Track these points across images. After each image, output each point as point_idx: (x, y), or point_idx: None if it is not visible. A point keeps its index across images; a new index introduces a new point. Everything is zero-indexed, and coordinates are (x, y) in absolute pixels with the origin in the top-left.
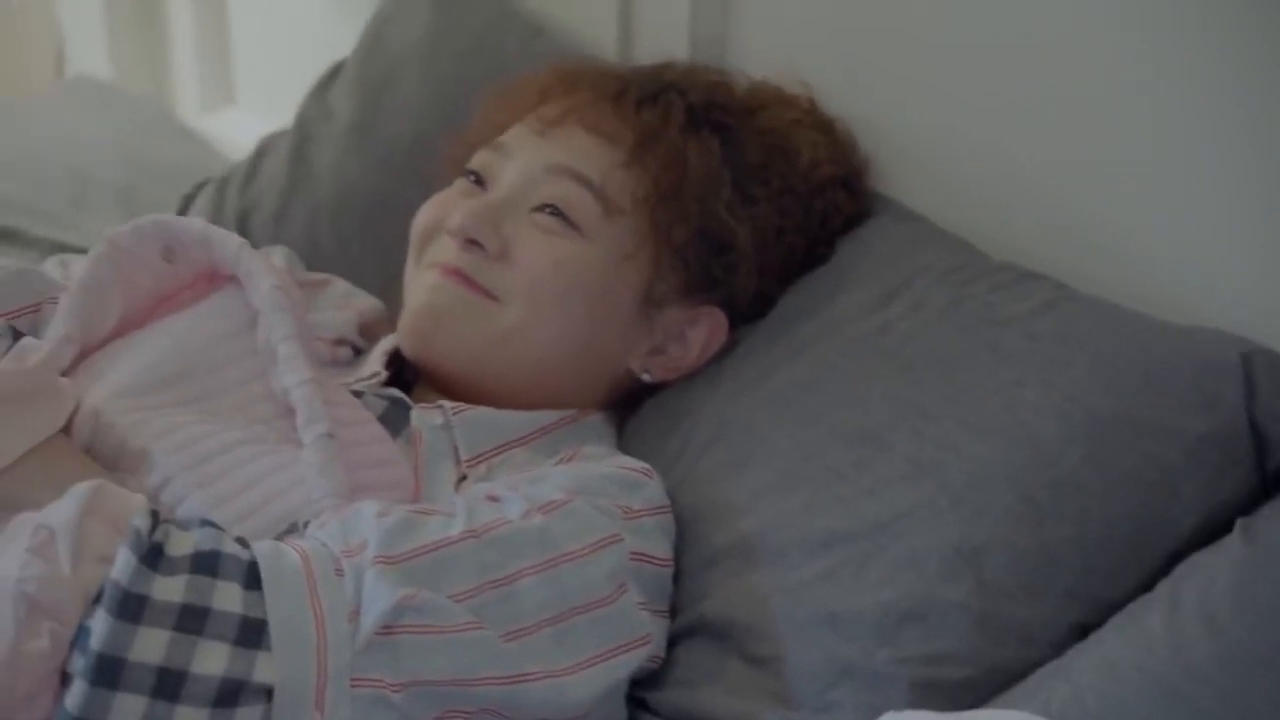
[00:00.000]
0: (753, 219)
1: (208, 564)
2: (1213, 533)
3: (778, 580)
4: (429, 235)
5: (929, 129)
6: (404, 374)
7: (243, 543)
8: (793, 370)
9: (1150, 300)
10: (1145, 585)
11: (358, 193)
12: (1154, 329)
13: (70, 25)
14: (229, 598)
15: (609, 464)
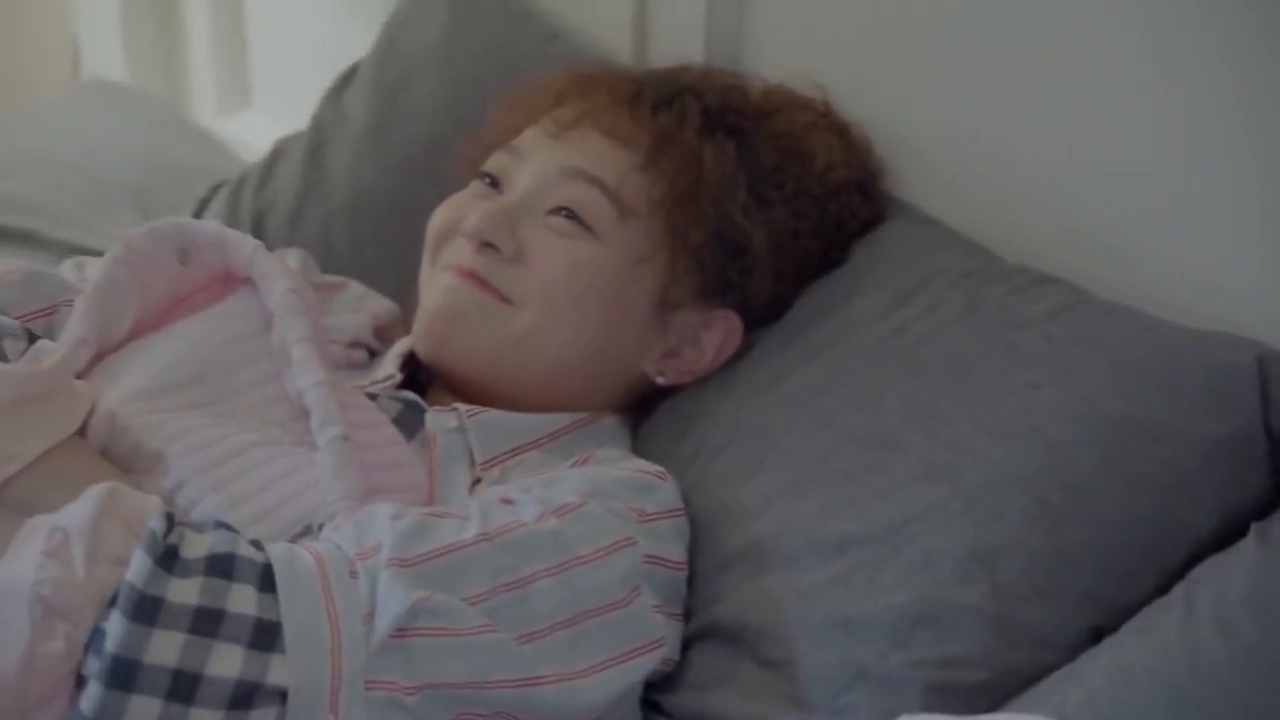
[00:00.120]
0: (768, 222)
1: (222, 566)
2: (1228, 536)
3: (791, 583)
4: (444, 237)
5: (944, 132)
6: (418, 376)
7: (257, 545)
8: (807, 373)
9: (1165, 303)
10: (1160, 589)
11: (373, 195)
12: (1169, 332)
13: (86, 27)
14: (244, 600)
15: (623, 467)
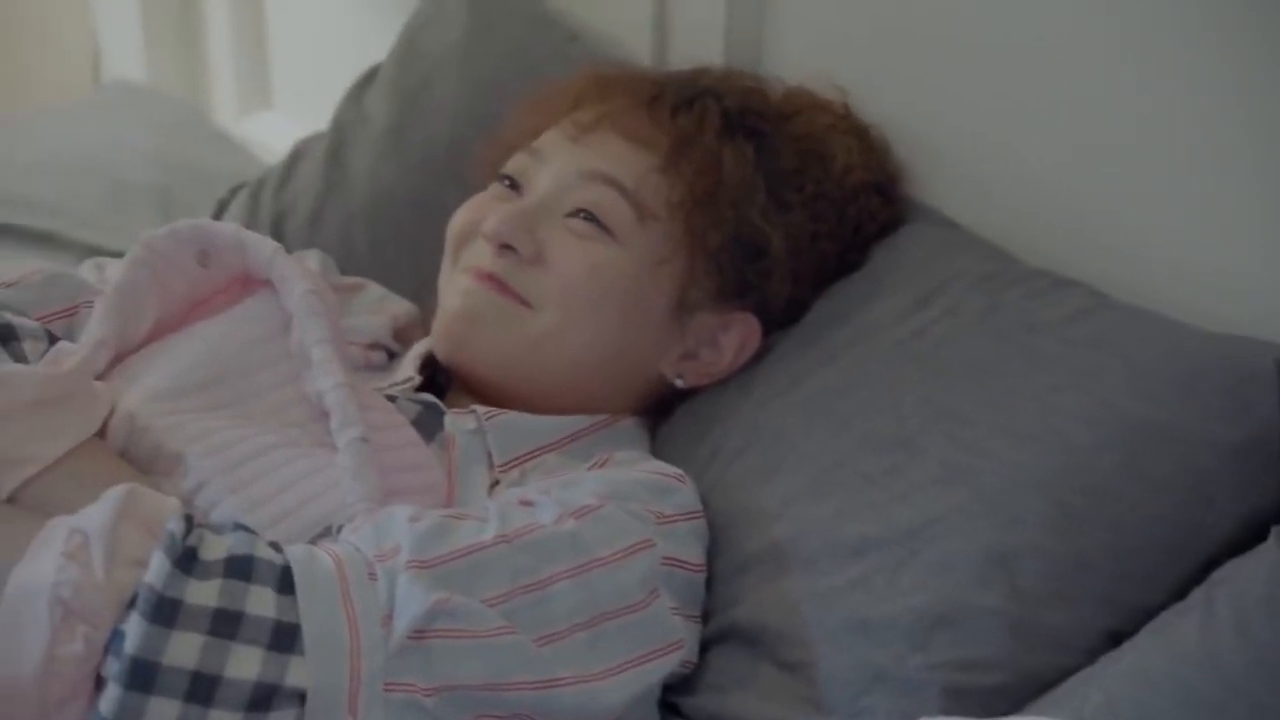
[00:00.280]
0: (787, 225)
1: (241, 568)
2: (1247, 540)
3: (809, 586)
4: (464, 239)
5: (964, 135)
6: (437, 378)
7: (276, 547)
8: (825, 376)
9: (1184, 307)
10: (1179, 592)
11: (393, 196)
12: (1189, 336)
13: (107, 29)
14: (262, 602)
15: (641, 469)
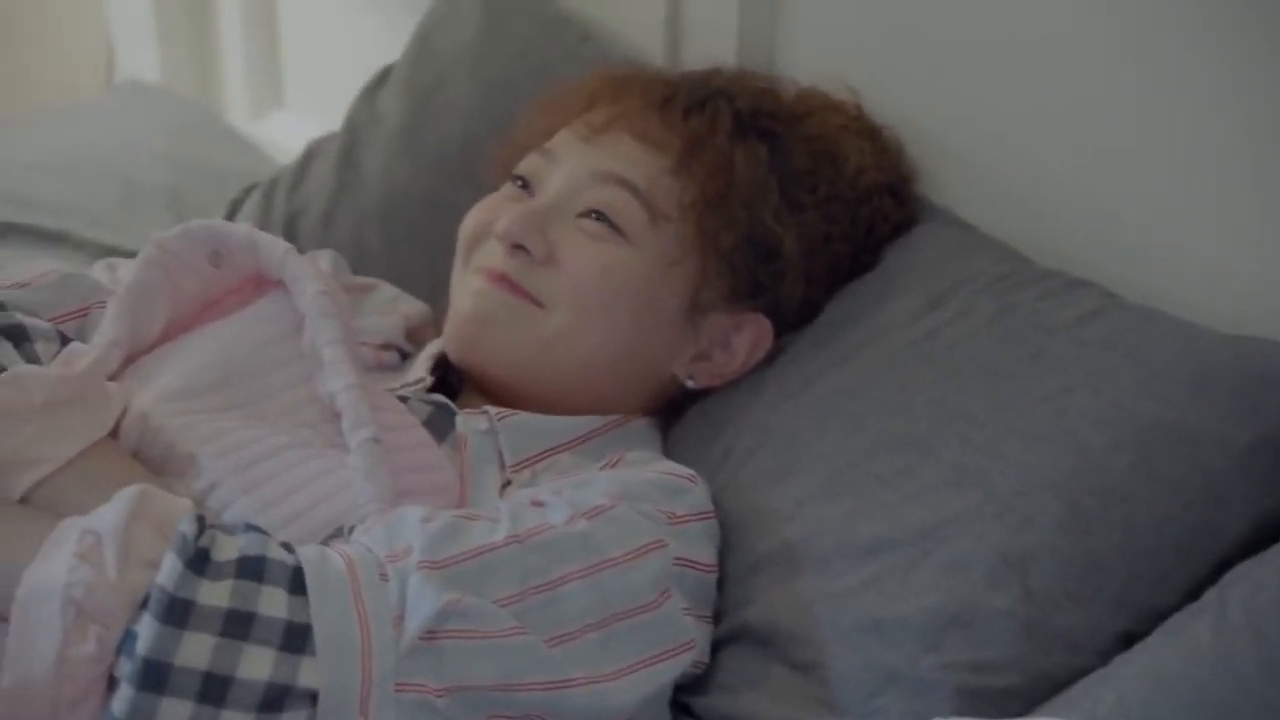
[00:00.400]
0: (799, 226)
1: (253, 569)
2: (1260, 541)
3: (822, 586)
4: (477, 239)
5: (977, 135)
6: (449, 378)
7: (288, 548)
8: (838, 377)
9: (1197, 308)
10: (1192, 594)
11: (406, 196)
12: (1202, 337)
13: (120, 29)
14: (274, 603)
15: (653, 469)
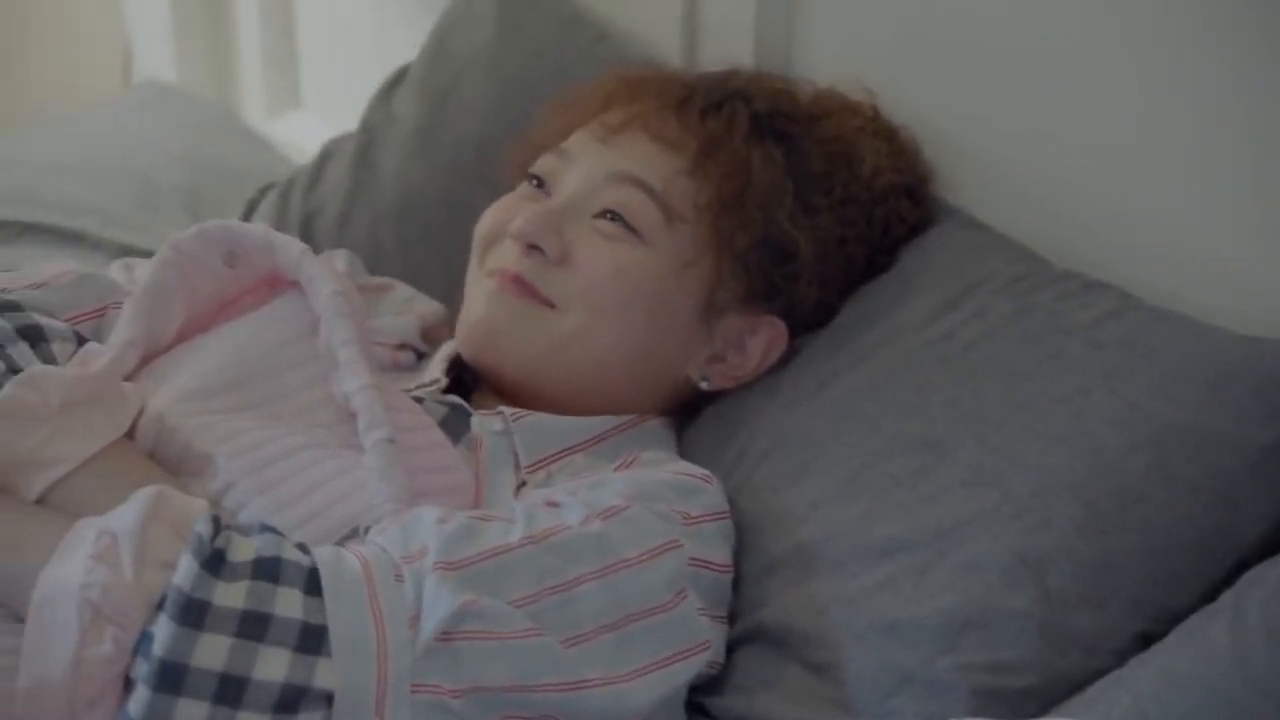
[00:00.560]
0: (815, 228)
1: (269, 570)
2: (1276, 543)
3: (837, 588)
4: (492, 239)
5: (994, 136)
6: (464, 378)
7: (303, 548)
8: (853, 378)
9: (1215, 310)
10: (1209, 595)
11: (422, 196)
12: (1219, 339)
13: (137, 29)
14: (290, 604)
15: (668, 470)
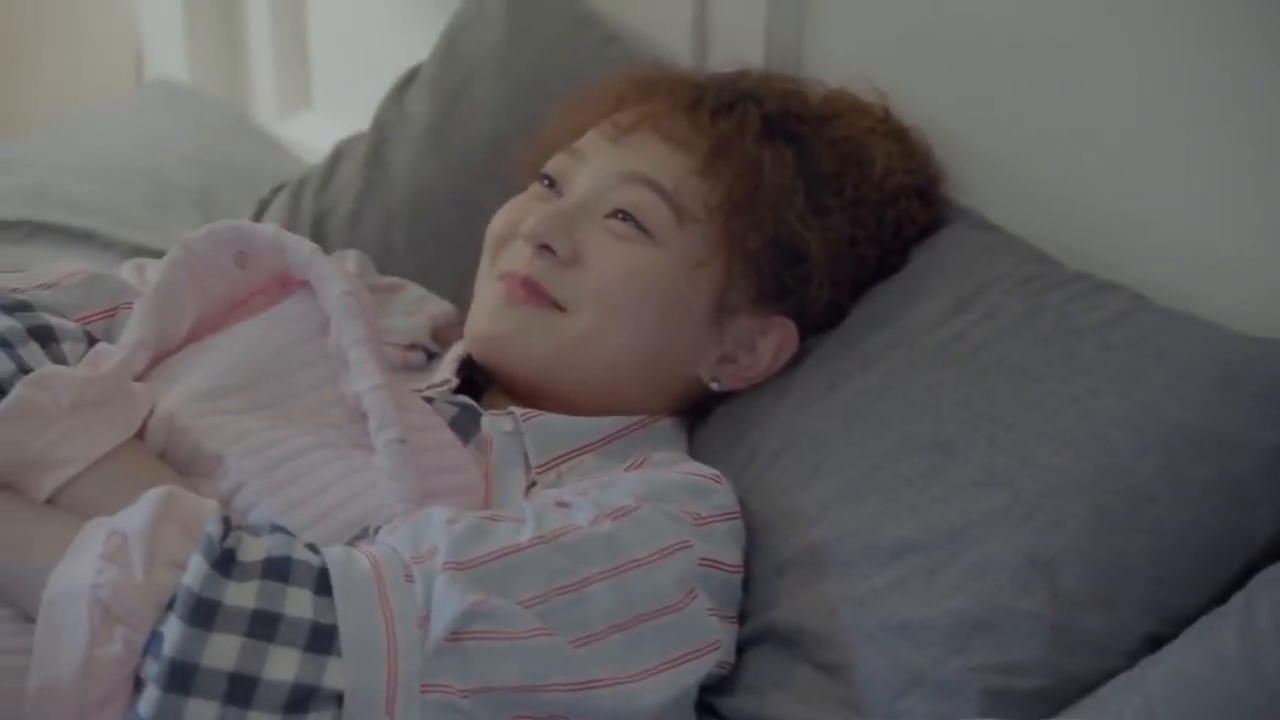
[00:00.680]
0: (825, 229)
1: (279, 570)
2: None
3: (848, 589)
4: (504, 240)
5: (1005, 137)
6: (475, 378)
7: (313, 548)
8: (864, 379)
9: (1226, 312)
10: (1219, 597)
11: (433, 196)
12: (1230, 340)
13: (149, 28)
14: (300, 604)
15: (678, 470)
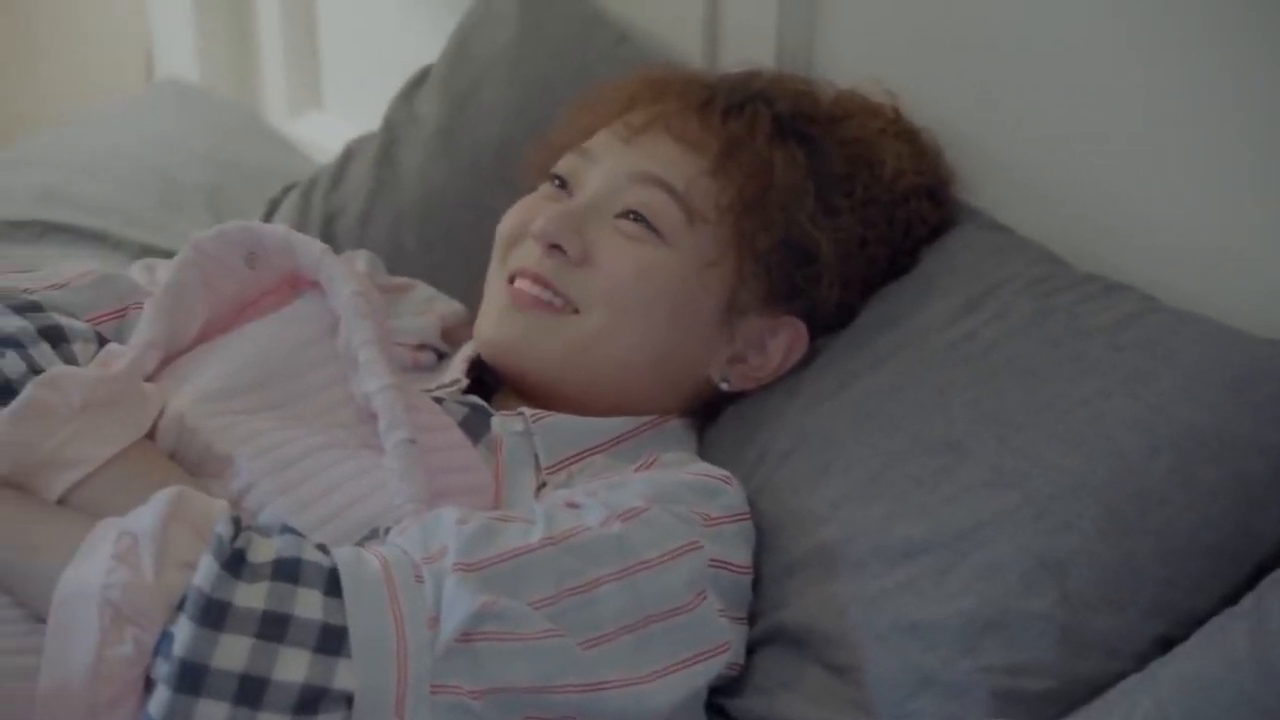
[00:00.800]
0: (836, 230)
1: (289, 571)
2: None
3: (858, 589)
4: (514, 240)
5: (1015, 138)
6: (485, 378)
7: (323, 549)
8: (874, 379)
9: (1236, 313)
10: (1230, 599)
11: (443, 197)
12: (1241, 342)
13: (160, 28)
14: (310, 604)
15: (688, 471)
